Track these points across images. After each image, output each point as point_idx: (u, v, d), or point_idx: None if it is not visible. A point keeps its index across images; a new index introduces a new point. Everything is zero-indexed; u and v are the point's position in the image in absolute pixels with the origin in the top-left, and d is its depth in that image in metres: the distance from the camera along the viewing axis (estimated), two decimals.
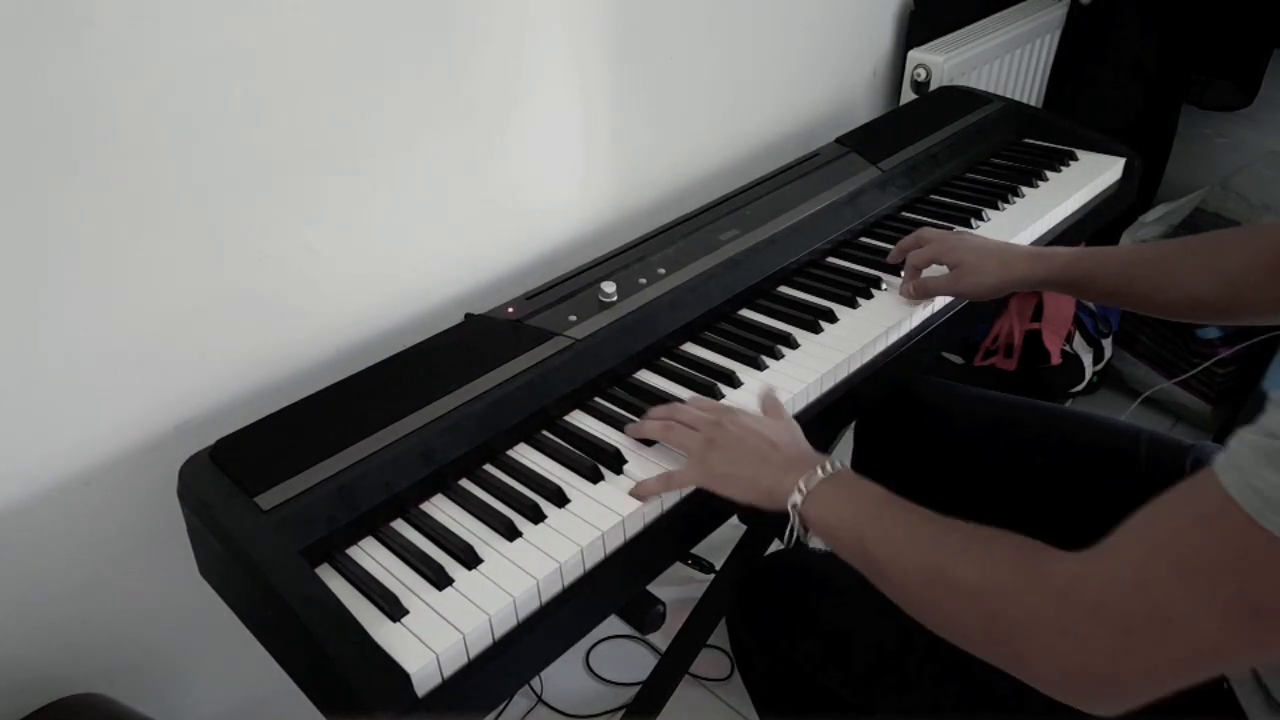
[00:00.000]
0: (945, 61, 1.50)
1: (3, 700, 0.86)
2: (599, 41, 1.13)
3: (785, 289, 1.07)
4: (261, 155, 0.87)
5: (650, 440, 0.82)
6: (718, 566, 1.38)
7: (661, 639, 1.41)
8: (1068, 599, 0.52)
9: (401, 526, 0.76)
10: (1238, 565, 0.46)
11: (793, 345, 0.95)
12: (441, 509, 0.78)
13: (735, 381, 0.90)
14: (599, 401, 0.89)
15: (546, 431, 0.86)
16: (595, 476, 0.78)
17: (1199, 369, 1.72)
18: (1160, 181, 1.93)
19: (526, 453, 0.83)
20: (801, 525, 0.70)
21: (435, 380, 0.84)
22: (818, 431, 0.88)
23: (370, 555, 0.73)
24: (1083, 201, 1.26)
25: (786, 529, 0.72)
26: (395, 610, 0.66)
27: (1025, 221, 1.18)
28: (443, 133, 1.01)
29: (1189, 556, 0.48)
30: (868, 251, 1.12)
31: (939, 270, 0.99)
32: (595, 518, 0.74)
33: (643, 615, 0.82)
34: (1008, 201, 1.23)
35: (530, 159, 1.13)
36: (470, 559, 0.71)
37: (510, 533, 0.73)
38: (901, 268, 1.04)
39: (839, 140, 1.31)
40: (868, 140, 1.30)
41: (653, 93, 1.24)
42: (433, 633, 0.64)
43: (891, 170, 1.25)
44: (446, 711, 0.63)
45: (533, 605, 0.69)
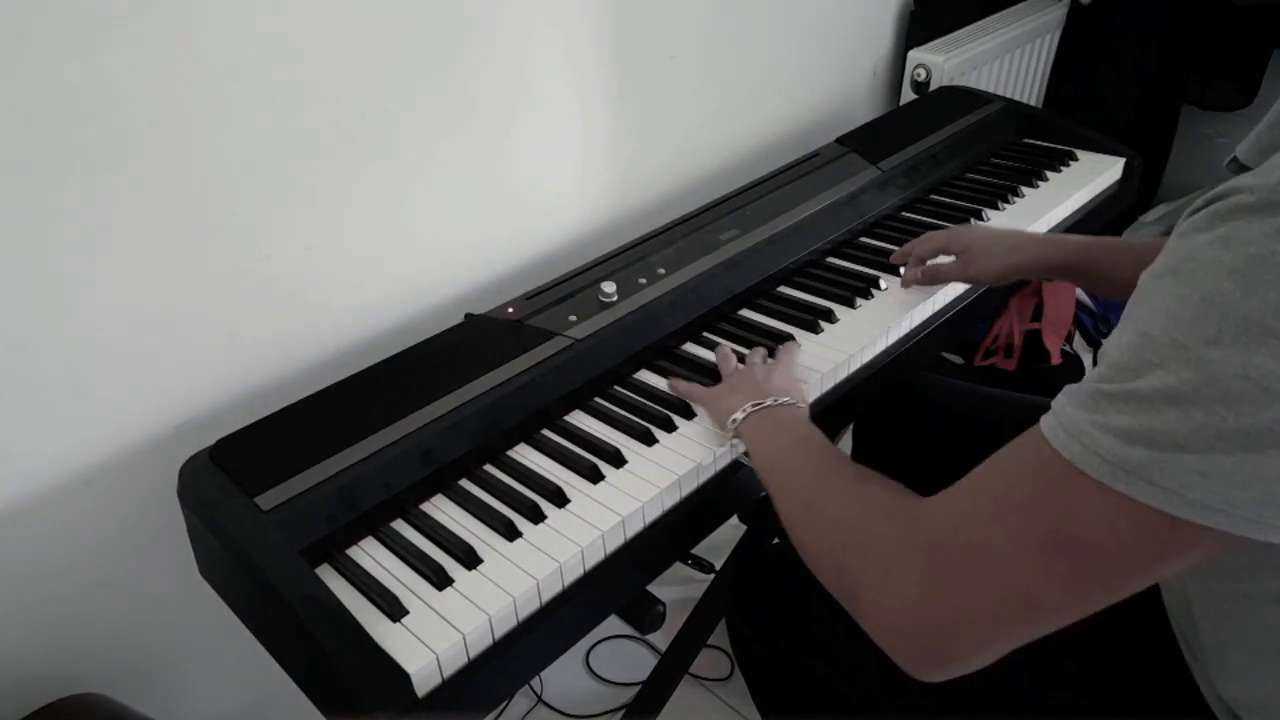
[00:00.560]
0: (945, 61, 1.50)
1: (3, 700, 0.86)
2: (599, 42, 1.13)
3: (785, 289, 1.07)
4: (262, 156, 0.87)
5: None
6: (718, 566, 1.38)
7: (661, 639, 1.41)
8: (904, 536, 0.54)
9: (401, 526, 0.76)
10: (1043, 496, 0.48)
11: None
12: (441, 509, 0.78)
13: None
14: (599, 401, 0.89)
15: (546, 431, 0.86)
16: (595, 476, 0.79)
17: None
18: (1160, 181, 1.93)
19: (526, 453, 0.84)
20: (740, 446, 0.78)
21: (435, 380, 0.84)
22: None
23: (370, 555, 0.73)
24: (1083, 201, 1.26)
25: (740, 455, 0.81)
26: (395, 610, 0.66)
27: (1025, 221, 1.18)
28: (444, 134, 1.01)
29: (1001, 492, 0.50)
30: (868, 251, 1.12)
31: (945, 259, 0.99)
32: (595, 518, 0.74)
33: (643, 615, 0.82)
34: (1008, 202, 1.23)
35: (531, 159, 1.13)
36: (470, 559, 0.71)
37: (510, 533, 0.73)
38: (900, 266, 1.04)
39: (839, 140, 1.31)
40: (868, 140, 1.30)
41: (653, 93, 1.24)
42: (433, 633, 0.65)
43: (891, 170, 1.25)
44: (446, 711, 0.63)
45: (533, 605, 0.69)
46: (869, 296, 1.03)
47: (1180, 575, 0.62)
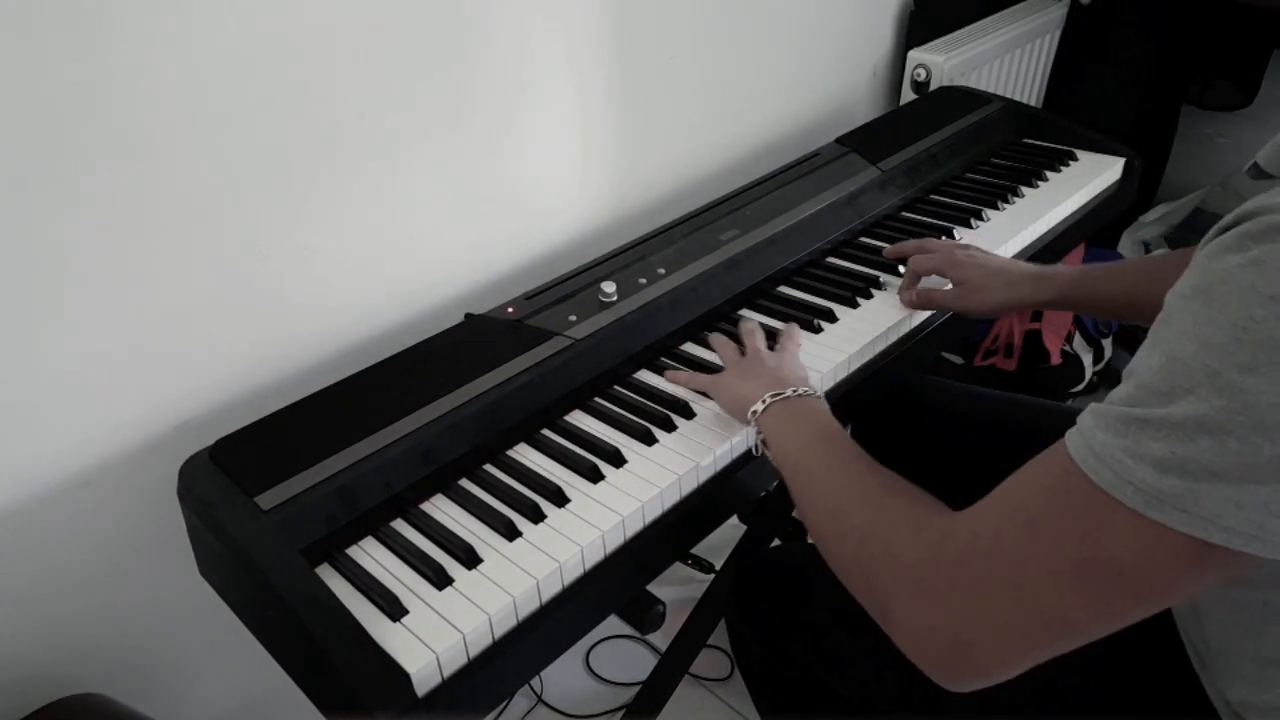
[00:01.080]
0: (945, 61, 1.50)
1: (3, 700, 0.86)
2: (599, 42, 1.13)
3: (785, 289, 1.07)
4: (261, 156, 0.87)
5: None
6: (718, 566, 1.38)
7: (661, 639, 1.41)
8: (934, 554, 0.53)
9: (401, 526, 0.76)
10: (1077, 524, 0.47)
11: None
12: (441, 509, 0.78)
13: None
14: (599, 401, 0.89)
15: (546, 431, 0.86)
16: (595, 476, 0.79)
17: None
18: (1160, 181, 1.93)
19: (526, 452, 0.84)
20: (761, 439, 0.76)
21: (435, 380, 0.84)
22: None
23: (370, 555, 0.73)
24: (1083, 201, 1.26)
25: (755, 442, 0.79)
26: (395, 610, 0.66)
27: (1025, 221, 1.18)
28: (443, 133, 1.01)
29: (1036, 517, 0.49)
30: (868, 251, 1.12)
31: (940, 282, 0.99)
32: (595, 518, 0.74)
33: (643, 615, 0.82)
34: (1007, 201, 1.23)
35: (531, 159, 1.13)
36: (470, 559, 0.71)
37: (510, 533, 0.73)
38: (898, 264, 1.04)
39: (839, 140, 1.31)
40: (868, 140, 1.30)
41: (653, 92, 1.24)
42: (433, 633, 0.65)
43: (891, 170, 1.25)
44: (446, 711, 0.63)
45: (533, 605, 0.69)
46: (869, 296, 1.03)
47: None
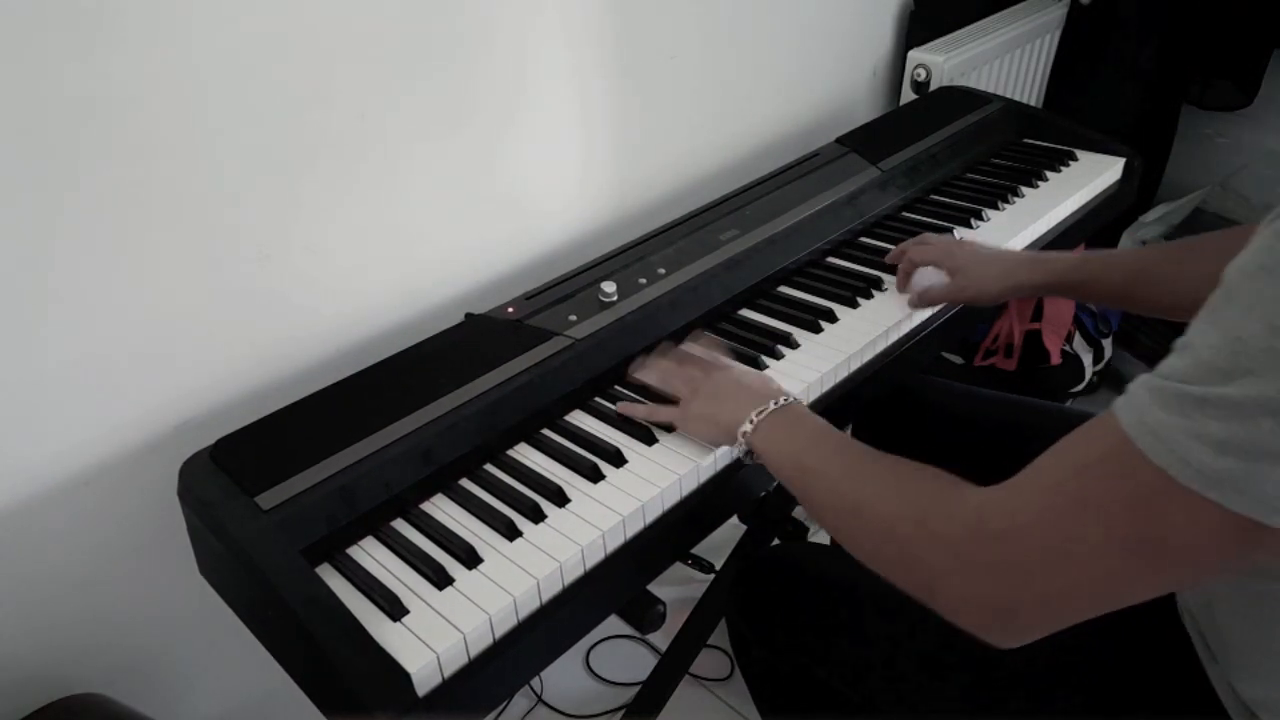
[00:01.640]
0: (945, 61, 1.50)
1: (3, 700, 0.86)
2: (599, 42, 1.13)
3: (785, 289, 1.07)
4: (261, 156, 0.87)
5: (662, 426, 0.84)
6: (718, 566, 1.38)
7: (661, 639, 1.41)
8: (972, 530, 0.54)
9: (402, 526, 0.76)
10: (1130, 501, 0.47)
11: (793, 345, 0.95)
12: (442, 509, 0.78)
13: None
14: (599, 401, 0.89)
15: (547, 431, 0.86)
16: (595, 476, 0.78)
17: None
18: (1160, 181, 1.93)
19: (527, 452, 0.83)
20: (749, 455, 0.75)
21: (435, 380, 0.84)
22: None
23: (370, 555, 0.73)
24: (1083, 202, 1.26)
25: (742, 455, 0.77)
26: (396, 610, 0.66)
27: (1025, 222, 1.18)
28: (443, 133, 1.01)
29: (1086, 492, 0.49)
30: (868, 251, 1.12)
31: (937, 274, 0.99)
32: (595, 517, 0.74)
33: (643, 615, 0.82)
34: (1007, 202, 1.23)
35: (530, 159, 1.13)
36: (470, 559, 0.71)
37: (511, 532, 0.73)
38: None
39: (839, 140, 1.31)
40: (868, 140, 1.30)
41: (653, 93, 1.24)
42: (433, 632, 0.65)
43: (891, 170, 1.25)
44: (447, 711, 0.63)
45: (533, 605, 0.69)
46: (869, 296, 1.03)
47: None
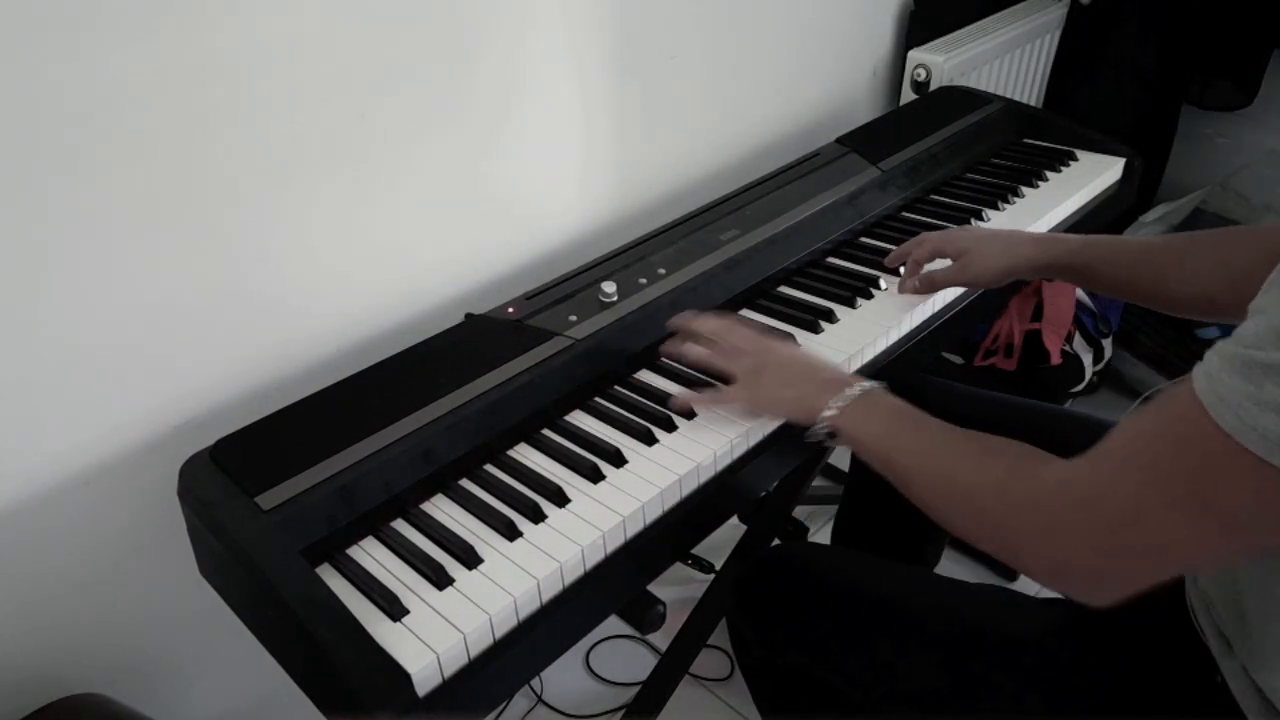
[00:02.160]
0: (945, 61, 1.50)
1: (3, 700, 0.86)
2: (599, 42, 1.13)
3: (785, 289, 1.07)
4: (262, 155, 0.87)
5: (685, 414, 0.85)
6: (718, 566, 1.38)
7: (661, 639, 1.41)
8: (1055, 498, 0.57)
9: (402, 526, 0.76)
10: (1196, 464, 0.49)
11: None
12: (442, 509, 0.78)
13: (734, 382, 0.89)
14: (599, 401, 0.89)
15: (547, 431, 0.86)
16: (595, 476, 0.78)
17: None
18: (1160, 181, 1.93)
19: (527, 452, 0.83)
20: (831, 436, 0.77)
21: (435, 380, 0.84)
22: None
23: (370, 555, 0.73)
24: (1082, 202, 1.26)
25: (808, 431, 0.78)
26: (396, 610, 0.66)
27: (1025, 222, 1.18)
28: (443, 133, 1.01)
29: (1158, 458, 0.52)
30: (868, 251, 1.12)
31: (942, 264, 0.99)
32: (595, 518, 0.74)
33: (643, 615, 0.82)
34: (1008, 202, 1.23)
35: (530, 159, 1.13)
36: (471, 559, 0.71)
37: (511, 533, 0.73)
38: (900, 266, 1.04)
39: (839, 140, 1.31)
40: (868, 140, 1.30)
41: (653, 93, 1.24)
42: (433, 633, 0.64)
43: (891, 170, 1.25)
44: (447, 711, 0.63)
45: (533, 605, 0.69)
46: (869, 296, 1.03)
47: (1238, 564, 0.64)
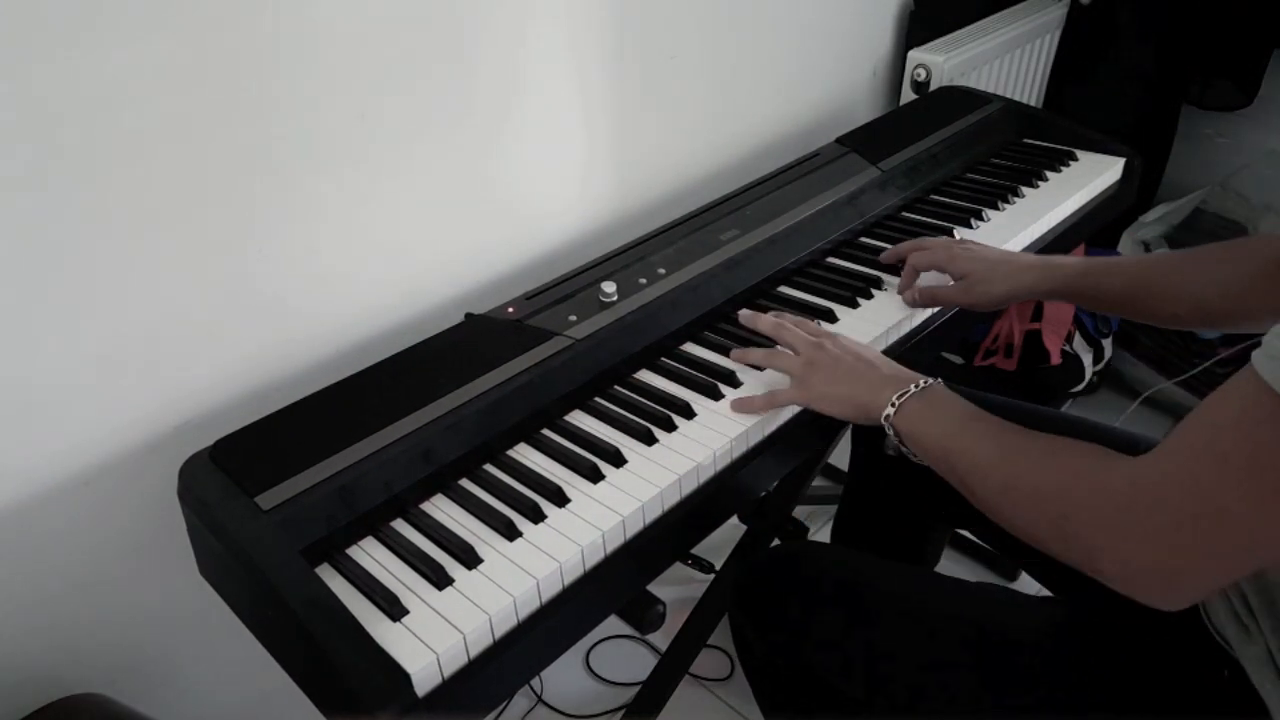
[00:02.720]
0: (945, 61, 1.50)
1: (3, 700, 0.86)
2: (599, 41, 1.13)
3: (785, 289, 1.07)
4: (261, 155, 0.87)
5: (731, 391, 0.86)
6: (718, 566, 1.38)
7: (661, 639, 1.41)
8: (1127, 499, 0.56)
9: (401, 526, 0.76)
10: (1273, 448, 0.49)
11: None
12: (441, 509, 0.78)
13: (735, 381, 0.89)
14: (599, 401, 0.89)
15: (547, 431, 0.86)
16: (595, 476, 0.78)
17: (1199, 369, 1.72)
18: (1160, 181, 1.93)
19: (526, 452, 0.83)
20: (896, 437, 0.76)
21: (435, 380, 0.84)
22: (817, 432, 0.88)
23: (370, 555, 0.73)
24: (1082, 202, 1.26)
25: (885, 441, 0.79)
26: (395, 610, 0.66)
27: (1025, 222, 1.18)
28: (443, 133, 1.01)
29: (1231, 448, 0.51)
30: (868, 251, 1.12)
31: (941, 279, 0.99)
32: (595, 517, 0.74)
33: (643, 615, 0.82)
34: (1008, 202, 1.23)
35: (530, 159, 1.13)
36: (470, 559, 0.71)
37: (510, 532, 0.73)
38: (899, 268, 1.04)
39: (839, 140, 1.31)
40: (868, 140, 1.30)
41: (653, 93, 1.24)
42: (433, 633, 0.65)
43: (891, 170, 1.25)
44: (447, 711, 0.63)
45: (533, 605, 0.69)
46: (869, 296, 1.03)
47: None
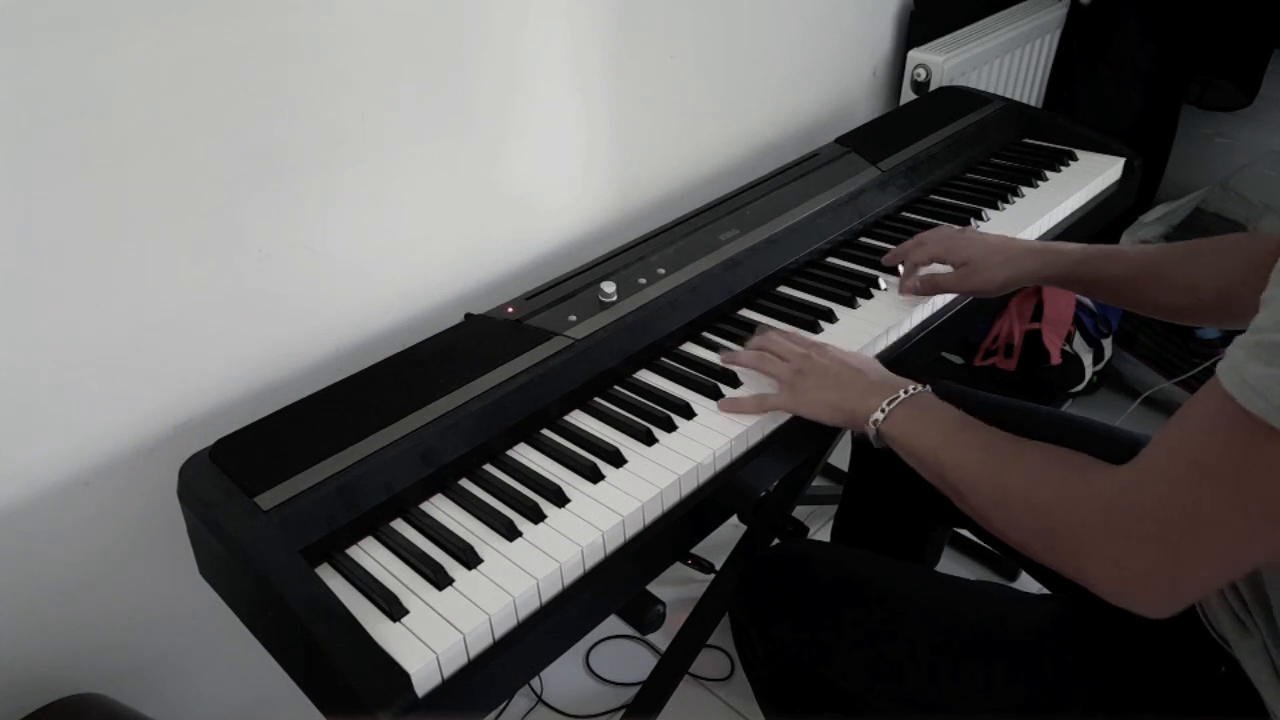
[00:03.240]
0: (945, 61, 1.50)
1: (3, 700, 0.86)
2: (599, 42, 1.13)
3: (785, 289, 1.07)
4: (261, 155, 0.87)
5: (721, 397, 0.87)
6: (718, 566, 1.38)
7: (661, 639, 1.41)
8: (1111, 509, 0.57)
9: (401, 526, 0.76)
10: (1237, 457, 0.50)
11: None
12: (441, 509, 0.78)
13: (736, 381, 0.89)
14: (599, 401, 0.89)
15: (546, 431, 0.86)
16: (595, 476, 0.78)
17: (1199, 369, 1.72)
18: (1160, 181, 1.93)
19: (526, 453, 0.83)
20: (883, 443, 0.77)
21: (435, 380, 0.84)
22: (816, 432, 0.88)
23: (370, 555, 0.73)
24: (1082, 201, 1.26)
25: (875, 446, 0.79)
26: (395, 610, 0.66)
27: (1025, 221, 1.18)
28: (443, 133, 1.01)
29: (1199, 456, 0.52)
30: (868, 251, 1.12)
31: (942, 269, 0.99)
32: (595, 517, 0.74)
33: (643, 615, 0.82)
34: (1007, 201, 1.23)
35: (531, 159, 1.13)
36: (470, 559, 0.71)
37: (510, 533, 0.73)
38: (899, 265, 1.04)
39: (839, 140, 1.31)
40: (868, 140, 1.30)
41: (653, 93, 1.24)
42: (433, 633, 0.65)
43: (891, 170, 1.25)
44: (446, 711, 0.63)
45: (533, 605, 0.69)
46: (869, 296, 1.03)
47: None
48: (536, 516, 0.75)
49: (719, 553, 1.36)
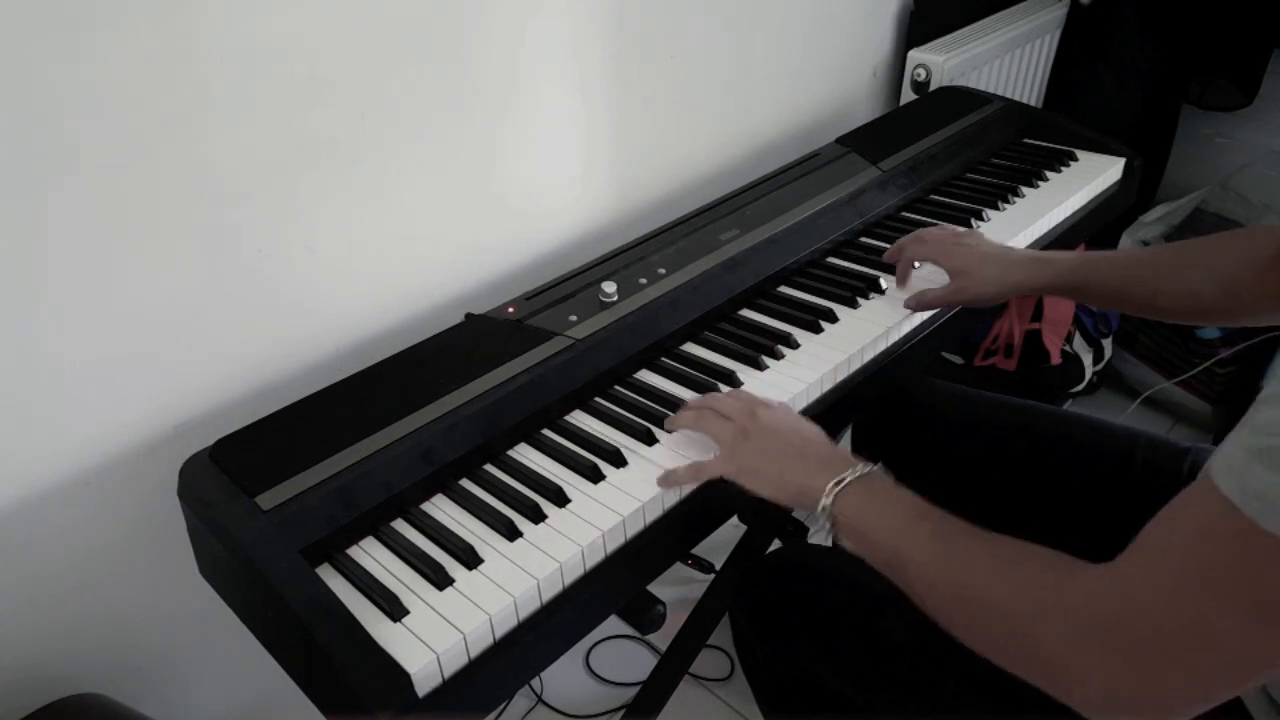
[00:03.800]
0: (945, 61, 1.50)
1: (3, 700, 0.86)
2: (600, 42, 1.13)
3: (785, 289, 1.07)
4: (261, 155, 0.87)
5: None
6: (718, 566, 1.38)
7: (661, 639, 1.41)
8: (1094, 619, 0.52)
9: (402, 526, 0.76)
10: (1250, 572, 0.46)
11: (793, 345, 0.95)
12: (442, 509, 0.78)
13: (735, 381, 0.89)
14: (599, 401, 0.89)
15: (547, 431, 0.86)
16: (595, 476, 0.78)
17: (1199, 369, 1.72)
18: (1160, 181, 1.93)
19: (527, 453, 0.83)
20: (833, 528, 0.69)
21: (435, 380, 0.84)
22: None
23: (370, 555, 0.73)
24: (1083, 202, 1.26)
25: (820, 530, 0.70)
26: (396, 610, 0.66)
27: (1025, 222, 1.18)
28: (443, 132, 1.01)
29: (1204, 569, 0.48)
30: (868, 251, 1.12)
31: (935, 272, 0.99)
32: (595, 517, 0.74)
33: (643, 615, 0.82)
34: (1008, 202, 1.23)
35: (531, 159, 1.13)
36: (471, 559, 0.71)
37: (511, 533, 0.73)
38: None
39: (839, 140, 1.31)
40: (868, 140, 1.30)
41: (653, 93, 1.24)
42: (433, 633, 0.64)
43: (891, 170, 1.25)
44: (447, 711, 0.63)
45: (533, 605, 0.69)
46: (869, 296, 1.03)
47: None
48: (537, 516, 0.75)
49: (719, 553, 1.36)
